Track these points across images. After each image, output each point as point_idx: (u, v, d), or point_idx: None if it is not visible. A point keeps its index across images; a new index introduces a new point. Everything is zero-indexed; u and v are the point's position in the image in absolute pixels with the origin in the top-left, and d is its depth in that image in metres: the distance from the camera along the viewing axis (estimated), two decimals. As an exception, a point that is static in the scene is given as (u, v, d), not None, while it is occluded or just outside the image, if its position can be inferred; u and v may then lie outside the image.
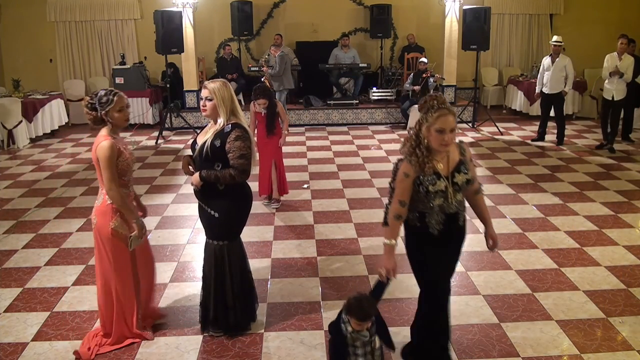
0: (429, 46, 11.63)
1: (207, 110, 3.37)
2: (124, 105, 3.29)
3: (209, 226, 3.51)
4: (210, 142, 3.31)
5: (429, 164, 2.77)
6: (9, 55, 11.84)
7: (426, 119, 2.76)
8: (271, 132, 5.84)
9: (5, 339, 3.62)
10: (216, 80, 3.41)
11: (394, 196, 2.89)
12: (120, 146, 3.29)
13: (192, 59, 10.47)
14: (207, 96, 3.35)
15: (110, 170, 3.21)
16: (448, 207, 2.83)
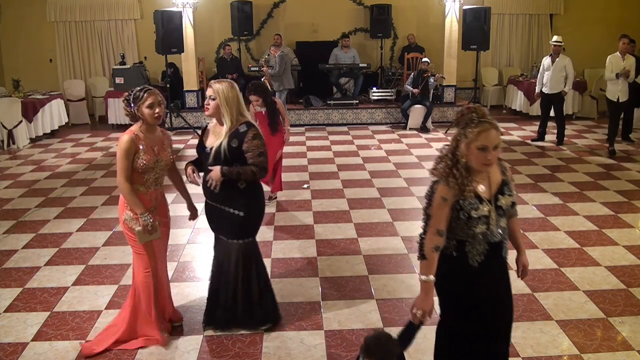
0: (429, 46, 11.63)
1: (210, 109, 3.36)
2: (154, 102, 3.25)
3: (232, 226, 3.45)
4: (226, 144, 3.29)
5: (470, 186, 2.41)
6: (9, 55, 11.84)
7: (465, 135, 2.41)
8: (275, 130, 5.85)
9: (5, 339, 3.62)
10: (223, 80, 3.39)
11: (430, 225, 2.46)
12: (146, 144, 3.27)
13: (192, 59, 10.47)
14: (211, 95, 3.33)
15: (121, 163, 3.21)
16: (492, 236, 2.45)
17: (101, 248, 5.07)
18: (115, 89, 10.54)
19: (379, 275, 4.42)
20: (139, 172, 3.26)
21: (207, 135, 3.45)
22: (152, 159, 3.28)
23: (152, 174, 3.33)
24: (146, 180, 3.33)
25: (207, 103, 3.37)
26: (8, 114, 9.07)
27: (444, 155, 2.49)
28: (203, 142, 3.45)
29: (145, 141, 3.27)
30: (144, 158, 3.24)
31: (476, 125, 2.41)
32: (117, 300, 4.11)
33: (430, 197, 2.49)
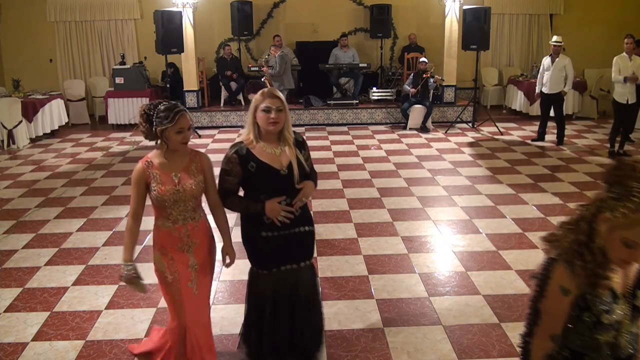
0: (429, 46, 11.63)
1: (279, 123, 2.80)
2: (184, 126, 2.72)
3: (306, 247, 3.03)
4: (303, 158, 2.89)
5: (605, 277, 1.63)
6: (9, 55, 11.83)
7: (612, 209, 1.59)
8: None
9: (5, 339, 3.62)
10: (272, 87, 2.94)
11: (541, 325, 1.72)
12: (161, 173, 2.74)
13: (192, 59, 10.47)
14: (278, 106, 2.78)
15: (132, 194, 2.80)
16: (624, 347, 1.70)
17: (101, 248, 5.07)
18: (115, 89, 10.54)
19: (378, 275, 4.42)
20: (157, 205, 2.78)
21: (259, 156, 2.81)
22: (168, 190, 2.73)
23: (176, 207, 2.77)
24: (170, 215, 2.78)
25: (274, 118, 2.76)
26: (8, 114, 9.07)
27: (574, 221, 1.70)
28: (266, 166, 2.80)
29: (162, 169, 2.76)
30: (156, 189, 2.72)
31: (637, 206, 1.54)
32: (117, 300, 4.11)
33: (542, 284, 1.71)
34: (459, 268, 4.54)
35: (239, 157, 2.81)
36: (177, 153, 2.79)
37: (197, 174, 2.82)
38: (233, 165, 2.81)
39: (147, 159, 2.79)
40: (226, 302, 4.05)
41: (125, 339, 3.61)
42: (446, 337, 3.56)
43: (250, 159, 2.80)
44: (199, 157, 2.88)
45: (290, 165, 2.83)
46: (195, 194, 2.81)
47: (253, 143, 2.83)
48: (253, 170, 2.80)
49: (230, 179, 2.84)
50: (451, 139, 9.39)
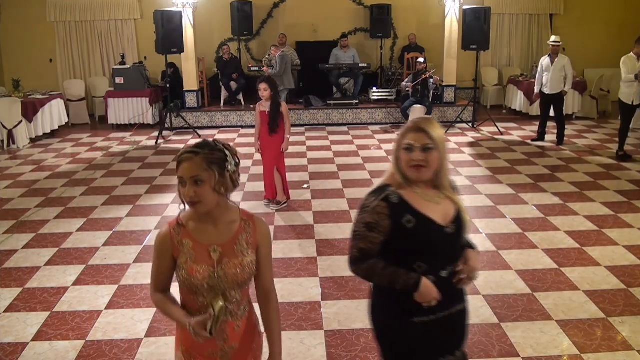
0: (429, 46, 11.63)
1: (426, 169, 2.06)
2: (186, 177, 1.90)
3: (464, 328, 2.32)
4: None
5: None
6: (9, 55, 11.83)
7: None
8: (273, 131, 5.80)
9: (5, 339, 3.62)
10: (428, 119, 2.14)
11: None
12: (195, 245, 1.95)
13: (192, 59, 10.47)
14: (425, 144, 2.04)
15: (153, 266, 2.02)
16: None
17: (101, 248, 5.07)
18: (115, 89, 10.53)
19: (379, 275, 4.41)
20: (183, 289, 1.99)
21: (417, 207, 2.07)
22: (202, 272, 1.92)
23: (211, 295, 1.93)
24: (202, 305, 1.94)
25: (422, 159, 2.04)
26: (8, 114, 9.07)
27: None
28: (428, 221, 2.06)
29: (196, 237, 1.96)
30: (185, 268, 1.93)
31: None
32: (117, 300, 4.11)
33: None
34: (459, 268, 4.54)
35: (390, 206, 2.05)
36: (220, 216, 1.97)
37: (247, 251, 1.99)
38: (380, 218, 2.03)
39: (178, 221, 1.99)
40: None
41: (125, 339, 3.61)
42: (446, 337, 3.56)
43: (406, 211, 2.04)
44: (253, 224, 2.03)
45: (457, 220, 2.12)
46: (241, 280, 1.97)
47: (404, 187, 2.10)
48: (410, 227, 2.03)
49: (372, 237, 2.05)
50: (451, 139, 9.39)
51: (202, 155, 1.88)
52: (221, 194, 1.93)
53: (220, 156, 1.91)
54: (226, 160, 1.92)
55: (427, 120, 2.11)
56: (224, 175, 1.90)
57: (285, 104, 5.93)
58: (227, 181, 1.92)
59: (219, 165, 1.89)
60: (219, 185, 1.90)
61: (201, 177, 1.86)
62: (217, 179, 1.88)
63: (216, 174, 1.87)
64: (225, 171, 1.91)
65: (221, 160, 1.91)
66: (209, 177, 1.87)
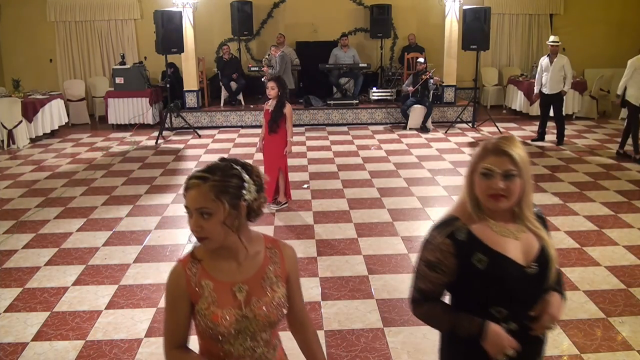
0: (429, 46, 11.63)
1: (507, 199, 1.77)
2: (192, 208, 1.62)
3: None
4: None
5: None
6: (9, 55, 11.83)
7: None
8: (273, 131, 5.79)
9: (5, 339, 3.62)
10: (509, 138, 1.79)
11: None
12: (216, 284, 1.66)
13: (192, 59, 10.47)
14: (508, 170, 1.73)
15: (166, 317, 1.72)
16: None
17: (101, 248, 5.07)
18: (115, 89, 10.53)
19: (378, 275, 4.42)
20: (206, 337, 1.70)
21: (489, 243, 1.76)
22: (229, 318, 1.64)
23: (238, 341, 1.68)
24: (228, 353, 1.70)
25: (498, 189, 1.73)
26: (8, 114, 9.07)
27: None
28: (504, 260, 1.75)
29: (216, 275, 1.67)
30: (206, 314, 1.64)
31: None
32: (117, 300, 4.11)
33: None
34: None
35: (457, 244, 1.75)
36: (240, 248, 1.69)
37: (277, 284, 1.73)
38: (444, 257, 1.76)
39: (192, 257, 1.70)
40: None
41: (125, 339, 3.61)
42: (446, 337, 3.56)
43: (477, 248, 1.75)
44: (280, 251, 1.78)
45: (541, 258, 1.78)
46: (274, 320, 1.71)
47: (473, 219, 1.79)
48: (482, 267, 1.73)
49: (434, 277, 1.79)
50: (451, 139, 9.39)
51: (211, 182, 1.58)
52: (233, 228, 1.62)
53: (235, 183, 1.60)
54: (242, 188, 1.61)
55: (509, 140, 1.77)
56: (237, 206, 1.60)
57: (290, 106, 5.86)
58: (241, 213, 1.62)
59: (233, 194, 1.59)
60: (230, 219, 1.60)
61: (208, 210, 1.57)
62: (228, 211, 1.58)
63: (226, 205, 1.58)
64: (241, 201, 1.61)
65: (236, 187, 1.60)
66: (218, 209, 1.57)
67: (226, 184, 1.59)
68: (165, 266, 4.64)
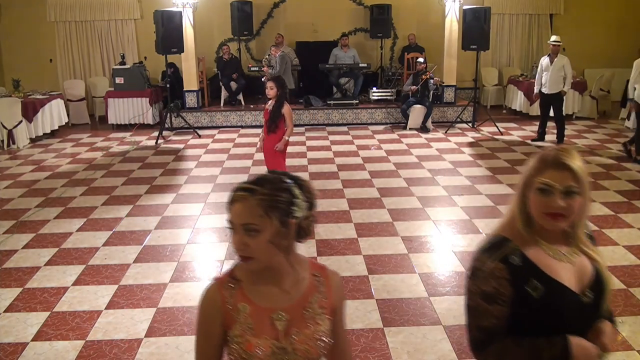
0: (429, 46, 11.63)
1: (566, 218, 1.57)
2: (237, 223, 1.48)
3: None
4: None
5: None
6: (9, 55, 11.83)
7: None
8: (271, 131, 5.78)
9: (5, 339, 3.62)
10: (567, 149, 1.58)
11: None
12: (253, 309, 1.50)
13: (192, 59, 10.47)
14: (569, 187, 1.54)
15: (197, 342, 1.55)
16: None
17: (101, 248, 5.07)
18: (115, 89, 10.53)
19: (378, 275, 4.42)
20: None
21: (544, 268, 1.57)
22: (265, 349, 1.48)
23: None
24: None
25: (558, 207, 1.53)
26: (8, 114, 9.07)
27: None
28: (560, 288, 1.57)
29: (254, 299, 1.52)
30: (240, 342, 1.48)
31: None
32: (117, 300, 4.11)
33: None
34: (459, 268, 4.54)
35: (511, 269, 1.56)
36: (285, 272, 1.54)
37: (321, 317, 1.55)
38: (500, 284, 1.55)
39: (231, 276, 1.55)
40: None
41: (125, 339, 3.61)
42: (446, 337, 3.56)
43: (532, 274, 1.56)
44: (326, 279, 1.61)
45: (596, 284, 1.62)
46: (314, 356, 1.53)
47: (524, 240, 1.60)
48: (536, 296, 1.54)
49: (497, 310, 1.57)
50: (451, 139, 9.39)
51: (259, 195, 1.43)
52: (281, 248, 1.48)
53: (286, 198, 1.46)
54: (293, 204, 1.47)
55: (569, 152, 1.57)
56: (287, 224, 1.46)
57: (289, 106, 5.81)
58: (290, 232, 1.48)
59: (283, 210, 1.45)
60: (279, 237, 1.46)
61: (255, 226, 1.43)
62: (277, 229, 1.45)
63: (276, 222, 1.44)
64: (291, 218, 1.47)
65: (286, 203, 1.46)
66: (266, 226, 1.43)
67: (276, 198, 1.45)
68: (165, 266, 4.65)
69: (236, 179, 7.14)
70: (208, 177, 7.32)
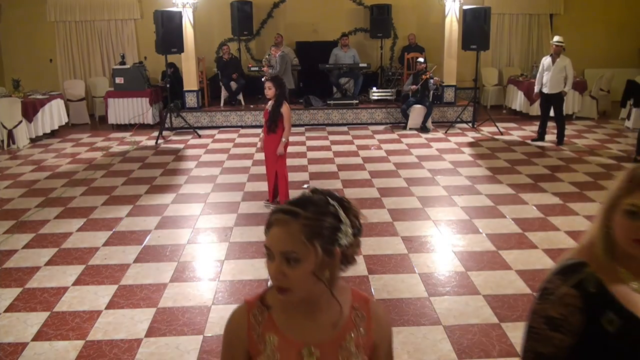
0: (429, 46, 11.63)
1: None
2: (275, 251, 1.31)
3: None
4: None
5: None
6: (9, 55, 11.83)
7: None
8: (272, 131, 5.78)
9: (5, 339, 3.62)
10: None
11: None
12: (281, 339, 1.36)
13: (192, 59, 10.47)
14: None
15: None
16: None
17: (101, 248, 5.07)
18: (115, 89, 10.53)
19: (378, 275, 4.42)
20: None
21: (623, 300, 1.40)
22: None
23: None
24: None
25: None
26: (8, 114, 9.07)
27: None
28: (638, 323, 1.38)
29: (286, 328, 1.37)
30: None
31: None
32: (117, 300, 4.11)
33: None
34: (459, 268, 4.54)
35: (585, 297, 1.41)
36: (323, 304, 1.39)
37: (356, 356, 1.38)
38: (569, 312, 1.41)
39: (262, 301, 1.41)
40: (226, 302, 4.05)
41: (125, 339, 3.61)
42: (446, 337, 3.56)
43: (609, 305, 1.39)
44: (368, 313, 1.45)
45: None
46: None
47: (603, 267, 1.43)
48: (612, 331, 1.38)
49: (556, 338, 1.42)
50: (451, 139, 9.39)
51: (303, 220, 1.27)
52: (323, 280, 1.31)
53: (331, 223, 1.29)
54: (339, 230, 1.30)
55: None
56: (332, 253, 1.29)
57: (288, 106, 5.80)
58: (335, 262, 1.32)
59: (327, 237, 1.28)
60: (322, 268, 1.29)
61: (296, 255, 1.26)
62: (321, 259, 1.28)
63: (320, 251, 1.28)
64: (336, 246, 1.30)
65: (331, 229, 1.29)
66: (308, 255, 1.26)
67: (321, 223, 1.28)
68: (166, 266, 4.65)
69: (236, 178, 7.15)
70: (208, 177, 7.32)
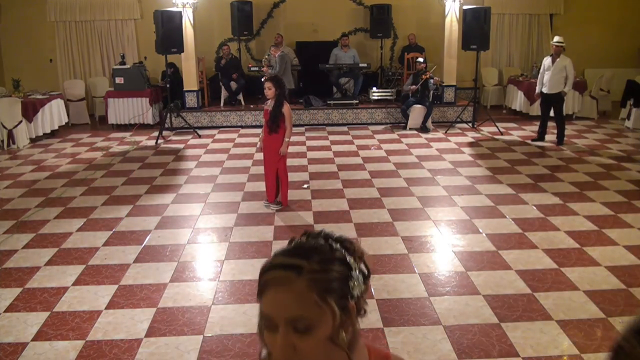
0: (429, 46, 11.63)
1: None
2: (276, 318, 1.01)
3: None
4: None
5: None
6: (9, 55, 11.83)
7: None
8: (273, 131, 5.76)
9: (5, 339, 3.62)
10: None
11: None
12: None
13: (192, 59, 10.47)
14: None
15: None
16: None
17: (101, 248, 5.07)
18: (115, 89, 10.53)
19: (378, 275, 4.42)
20: None
21: None
22: None
23: None
24: None
25: None
26: (8, 114, 9.07)
27: None
28: None
29: None
30: None
31: None
32: (117, 300, 4.11)
33: None
34: (459, 268, 4.54)
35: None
36: None
37: None
38: None
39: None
40: (226, 302, 4.05)
41: (125, 339, 3.61)
42: (446, 337, 3.56)
43: None
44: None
45: None
46: None
47: None
48: None
49: None
50: (451, 139, 9.39)
51: (308, 274, 0.99)
52: (342, 346, 1.02)
53: (341, 272, 1.02)
54: (350, 278, 1.03)
55: None
56: (347, 308, 1.02)
57: (289, 106, 5.79)
58: (352, 318, 1.04)
59: (339, 290, 1.01)
60: (339, 329, 1.01)
61: (308, 321, 0.98)
62: (339, 319, 1.00)
63: (336, 310, 1.00)
64: (350, 299, 1.02)
65: (342, 279, 1.02)
66: (323, 318, 0.99)
67: (330, 275, 1.00)
68: (166, 266, 4.65)
69: (236, 178, 7.15)
70: (208, 177, 7.32)
